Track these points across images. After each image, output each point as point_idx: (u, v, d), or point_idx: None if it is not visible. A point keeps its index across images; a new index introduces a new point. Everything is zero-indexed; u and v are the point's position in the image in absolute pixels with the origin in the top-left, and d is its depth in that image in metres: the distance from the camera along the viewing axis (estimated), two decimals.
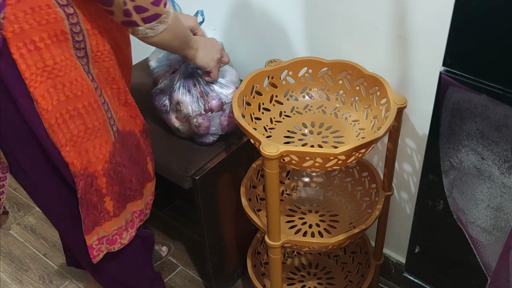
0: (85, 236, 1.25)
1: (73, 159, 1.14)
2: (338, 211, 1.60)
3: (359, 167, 1.59)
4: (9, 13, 0.98)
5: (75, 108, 1.11)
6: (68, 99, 1.10)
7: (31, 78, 1.03)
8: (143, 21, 1.09)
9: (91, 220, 1.24)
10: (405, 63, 1.36)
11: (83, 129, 1.14)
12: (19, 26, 1.00)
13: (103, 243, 1.30)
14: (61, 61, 1.06)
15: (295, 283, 1.71)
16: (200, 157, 1.50)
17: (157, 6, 1.08)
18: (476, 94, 0.78)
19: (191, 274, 1.90)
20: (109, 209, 1.26)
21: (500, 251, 0.88)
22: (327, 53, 1.49)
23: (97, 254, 1.30)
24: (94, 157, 1.18)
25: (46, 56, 1.04)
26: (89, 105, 1.13)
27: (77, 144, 1.14)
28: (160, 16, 1.10)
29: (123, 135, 1.26)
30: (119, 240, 1.34)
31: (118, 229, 1.32)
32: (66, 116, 1.10)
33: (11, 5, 0.98)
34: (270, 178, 1.23)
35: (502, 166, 0.80)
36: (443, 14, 1.20)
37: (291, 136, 1.40)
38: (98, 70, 1.16)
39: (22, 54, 1.01)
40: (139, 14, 1.07)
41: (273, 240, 1.35)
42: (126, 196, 1.30)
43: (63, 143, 1.11)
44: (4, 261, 1.99)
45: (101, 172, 1.21)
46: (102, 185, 1.22)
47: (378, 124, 1.35)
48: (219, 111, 1.45)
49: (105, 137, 1.19)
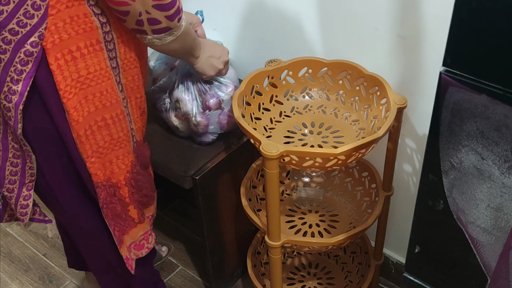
0: (120, 249, 1.26)
1: (96, 170, 1.15)
2: (338, 211, 1.59)
3: (359, 167, 1.59)
4: (50, 23, 0.98)
5: (102, 119, 1.11)
6: (97, 109, 1.10)
7: (65, 90, 1.03)
8: (153, 32, 1.08)
9: (119, 231, 1.25)
10: (405, 63, 1.36)
11: (108, 139, 1.14)
12: (59, 36, 0.99)
13: (131, 250, 1.31)
14: (94, 71, 1.06)
15: (295, 283, 1.71)
16: (200, 157, 1.50)
17: (171, 20, 1.07)
18: (476, 94, 0.78)
19: (191, 274, 1.90)
20: (133, 216, 1.28)
21: (500, 251, 0.88)
22: (327, 53, 1.49)
23: (131, 263, 1.32)
24: (117, 168, 1.19)
25: (81, 66, 1.04)
26: (116, 116, 1.14)
27: (102, 155, 1.15)
28: (171, 29, 1.09)
29: (138, 145, 1.27)
30: (146, 244, 1.35)
31: (144, 234, 1.33)
32: (94, 127, 1.11)
33: (53, 15, 0.98)
34: (270, 178, 1.23)
35: (502, 166, 0.80)
36: (443, 14, 1.20)
37: (291, 136, 1.40)
38: (126, 80, 1.16)
39: (59, 65, 1.01)
40: (151, 26, 1.06)
41: (273, 240, 1.35)
42: (143, 203, 1.32)
43: (89, 154, 1.12)
44: (4, 261, 1.99)
45: (123, 182, 1.22)
46: (124, 194, 1.23)
47: (378, 124, 1.35)
48: (218, 109, 1.45)
49: (128, 147, 1.20)
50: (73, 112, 1.05)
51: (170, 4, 1.04)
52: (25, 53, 0.98)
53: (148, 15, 1.03)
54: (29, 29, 0.96)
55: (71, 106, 1.05)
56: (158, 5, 1.02)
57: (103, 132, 1.13)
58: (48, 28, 0.98)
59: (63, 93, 1.03)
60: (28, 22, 0.96)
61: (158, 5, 1.02)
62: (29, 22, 0.96)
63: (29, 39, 0.97)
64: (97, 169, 1.15)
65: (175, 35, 1.12)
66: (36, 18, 0.96)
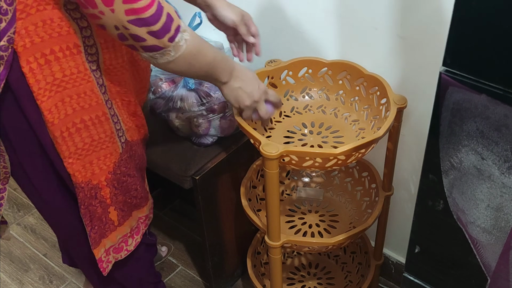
0: (93, 250, 1.26)
1: (75, 171, 1.14)
2: (338, 211, 1.59)
3: (359, 167, 1.59)
4: (20, 27, 0.97)
5: (81, 121, 1.10)
6: (75, 111, 1.09)
7: (39, 92, 1.02)
8: (143, 49, 0.99)
9: (97, 233, 1.25)
10: (405, 63, 1.36)
11: (89, 141, 1.13)
12: (30, 40, 0.98)
13: (110, 253, 1.31)
14: (71, 74, 1.05)
15: (295, 283, 1.71)
16: (200, 157, 1.50)
17: (157, 38, 0.97)
18: (476, 94, 0.78)
19: (191, 274, 1.90)
20: (113, 219, 1.27)
21: (500, 251, 0.88)
22: (327, 53, 1.49)
23: (106, 266, 1.31)
24: (98, 169, 1.18)
25: (55, 69, 1.03)
26: (96, 117, 1.13)
27: (82, 157, 1.14)
28: (163, 49, 0.99)
29: (131, 145, 1.26)
30: (125, 247, 1.34)
31: (123, 236, 1.32)
32: (72, 129, 1.10)
33: (22, 19, 0.96)
34: (270, 178, 1.23)
35: (502, 166, 0.80)
36: (443, 14, 1.20)
37: (291, 136, 1.40)
38: (110, 82, 1.14)
39: (31, 68, 1.00)
40: (138, 42, 0.98)
41: (273, 240, 1.35)
42: (132, 204, 1.31)
43: (66, 155, 1.11)
44: (4, 261, 1.99)
45: (104, 183, 1.21)
46: (106, 195, 1.22)
47: (378, 124, 1.35)
48: (221, 113, 1.45)
49: (111, 148, 1.19)
50: (47, 114, 1.04)
51: (151, 18, 0.94)
52: None
53: (127, 30, 0.95)
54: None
55: (45, 108, 1.04)
56: (135, 19, 0.93)
57: (82, 134, 1.11)
58: (18, 32, 0.96)
59: (37, 96, 1.02)
60: None
61: (133, 20, 0.93)
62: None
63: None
64: (76, 170, 1.14)
65: (173, 56, 1.02)
66: (4, 22, 0.94)
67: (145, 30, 0.95)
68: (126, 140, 1.23)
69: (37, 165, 1.15)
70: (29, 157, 1.13)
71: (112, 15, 0.93)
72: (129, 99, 1.21)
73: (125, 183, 1.25)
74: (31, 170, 1.16)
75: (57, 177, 1.17)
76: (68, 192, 1.20)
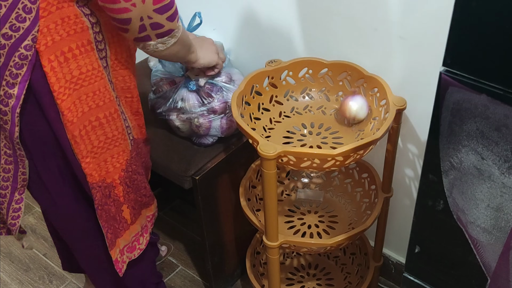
0: (110, 251, 1.26)
1: (91, 171, 1.14)
2: (337, 212, 1.59)
3: (358, 168, 1.59)
4: (43, 25, 0.98)
5: (97, 118, 1.11)
6: (91, 109, 1.10)
7: (59, 91, 1.03)
8: (157, 36, 1.08)
9: (112, 233, 1.25)
10: (405, 63, 1.36)
11: (103, 139, 1.14)
12: (51, 38, 0.99)
13: (124, 253, 1.31)
14: (87, 71, 1.06)
15: (294, 284, 1.71)
16: (200, 157, 1.50)
17: (172, 21, 1.06)
18: (476, 94, 0.78)
19: (191, 274, 1.90)
20: (126, 217, 1.28)
21: (500, 251, 0.88)
22: (327, 53, 1.49)
23: (122, 266, 1.32)
24: (112, 167, 1.19)
25: (73, 67, 1.04)
26: (110, 115, 1.14)
27: (97, 155, 1.15)
28: (173, 31, 1.09)
29: (137, 143, 1.27)
30: (138, 246, 1.35)
31: (136, 235, 1.33)
32: (88, 127, 1.11)
33: (44, 17, 0.97)
34: (268, 178, 1.22)
35: (502, 166, 0.80)
36: (443, 14, 1.20)
37: (290, 136, 1.39)
38: (115, 79, 1.16)
39: (53, 67, 1.01)
40: (155, 30, 1.06)
41: (270, 241, 1.35)
42: (142, 203, 1.32)
43: (84, 154, 1.12)
44: (4, 261, 1.99)
45: (118, 181, 1.22)
46: (119, 193, 1.23)
47: (377, 125, 1.35)
48: (222, 113, 1.45)
49: (123, 146, 1.20)
50: (67, 113, 1.05)
51: (171, 4, 1.04)
52: (19, 57, 0.98)
53: (150, 20, 1.03)
54: (22, 33, 0.96)
55: (65, 107, 1.05)
56: (160, 8, 1.01)
57: (97, 132, 1.13)
58: (40, 30, 0.98)
59: (57, 95, 1.03)
60: (21, 26, 0.96)
61: (159, 8, 1.02)
62: (22, 25, 0.96)
63: (23, 43, 0.97)
64: (92, 169, 1.14)
65: (177, 37, 1.12)
66: (28, 21, 0.95)
67: (165, 16, 1.03)
68: (133, 137, 1.25)
69: (53, 170, 1.16)
70: (45, 161, 1.14)
71: (143, 6, 0.99)
72: (131, 95, 1.23)
73: (135, 181, 1.26)
74: (47, 175, 1.16)
75: (72, 181, 1.18)
76: (82, 196, 1.21)
